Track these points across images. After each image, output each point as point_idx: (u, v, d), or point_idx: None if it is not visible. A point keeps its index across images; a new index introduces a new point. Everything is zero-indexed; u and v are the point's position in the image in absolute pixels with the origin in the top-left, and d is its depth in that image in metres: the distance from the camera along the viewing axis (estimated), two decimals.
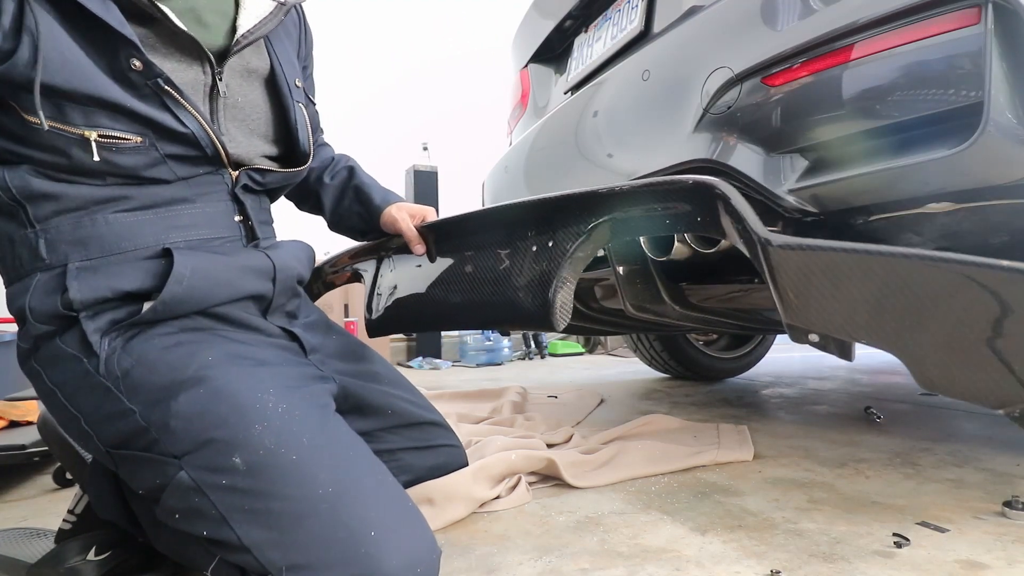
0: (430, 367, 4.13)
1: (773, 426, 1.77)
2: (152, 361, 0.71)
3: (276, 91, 0.91)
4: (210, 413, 0.69)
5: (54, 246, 0.72)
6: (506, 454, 1.24)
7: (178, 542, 0.74)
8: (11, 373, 2.23)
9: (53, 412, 0.76)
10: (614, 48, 1.46)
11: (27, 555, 0.87)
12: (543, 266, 0.91)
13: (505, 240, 0.98)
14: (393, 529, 0.68)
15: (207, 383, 0.71)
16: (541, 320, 0.91)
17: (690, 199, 0.77)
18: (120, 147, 0.74)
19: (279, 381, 0.76)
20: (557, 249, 0.91)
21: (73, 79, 0.70)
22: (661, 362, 2.76)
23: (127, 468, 0.71)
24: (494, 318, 1.00)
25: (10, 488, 1.38)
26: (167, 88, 0.76)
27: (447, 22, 5.12)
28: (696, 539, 0.96)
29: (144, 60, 0.73)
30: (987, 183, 0.82)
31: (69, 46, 0.70)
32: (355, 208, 1.11)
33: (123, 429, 0.70)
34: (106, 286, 0.72)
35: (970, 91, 0.76)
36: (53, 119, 0.70)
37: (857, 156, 0.89)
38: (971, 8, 0.76)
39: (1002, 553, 0.87)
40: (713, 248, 1.04)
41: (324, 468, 0.69)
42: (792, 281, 0.65)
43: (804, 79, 0.93)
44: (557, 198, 0.91)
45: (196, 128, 0.79)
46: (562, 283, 0.90)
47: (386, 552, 0.65)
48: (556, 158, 1.59)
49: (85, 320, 0.71)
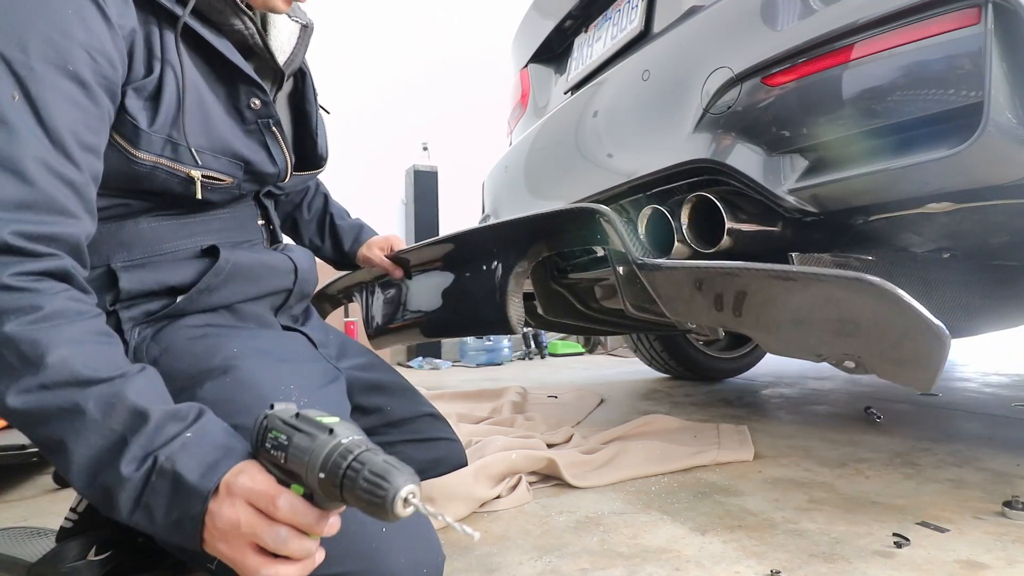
0: (430, 367, 4.13)
1: (773, 426, 1.77)
2: (180, 350, 0.74)
3: (302, 100, 0.94)
4: (234, 401, 0.70)
5: (96, 248, 0.73)
6: (506, 454, 1.24)
7: None
8: None
9: None
10: (614, 48, 1.45)
11: (28, 554, 0.87)
12: (494, 281, 1.11)
13: (462, 261, 1.19)
14: (403, 527, 0.69)
15: (233, 373, 0.73)
16: (502, 326, 1.09)
17: (586, 222, 0.99)
18: (214, 187, 0.79)
19: (301, 376, 0.79)
20: (503, 268, 1.10)
21: (200, 122, 0.74)
22: (661, 362, 2.76)
23: None
24: (467, 326, 1.21)
25: (10, 488, 1.38)
26: (273, 128, 0.81)
27: (447, 22, 5.12)
28: (696, 539, 0.96)
29: (263, 100, 0.78)
30: (987, 183, 0.82)
31: (199, 85, 0.75)
32: (329, 246, 1.23)
33: None
34: (153, 280, 0.75)
35: (970, 91, 0.76)
36: (168, 159, 0.73)
37: (857, 156, 0.89)
38: (971, 8, 0.76)
39: (1002, 553, 0.87)
40: (713, 248, 1.04)
41: None
42: (665, 289, 0.92)
43: (804, 79, 0.93)
44: (495, 226, 1.12)
45: (283, 166, 0.86)
46: (511, 294, 1.08)
47: (395, 550, 0.66)
48: (556, 158, 1.59)
49: (122, 310, 0.74)
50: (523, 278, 1.12)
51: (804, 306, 0.80)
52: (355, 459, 0.48)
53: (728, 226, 1.00)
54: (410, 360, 4.38)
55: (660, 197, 1.24)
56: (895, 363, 0.75)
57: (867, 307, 0.74)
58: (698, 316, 0.91)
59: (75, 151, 0.62)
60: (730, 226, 1.01)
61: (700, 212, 1.05)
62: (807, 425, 1.78)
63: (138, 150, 0.71)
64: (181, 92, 0.72)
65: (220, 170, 0.79)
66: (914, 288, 1.03)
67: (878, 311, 0.72)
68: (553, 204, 1.56)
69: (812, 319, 0.81)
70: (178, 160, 0.74)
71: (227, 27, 0.77)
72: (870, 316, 0.74)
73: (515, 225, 1.11)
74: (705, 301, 0.89)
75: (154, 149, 0.72)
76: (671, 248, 1.08)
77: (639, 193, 1.29)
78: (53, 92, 0.60)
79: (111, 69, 0.65)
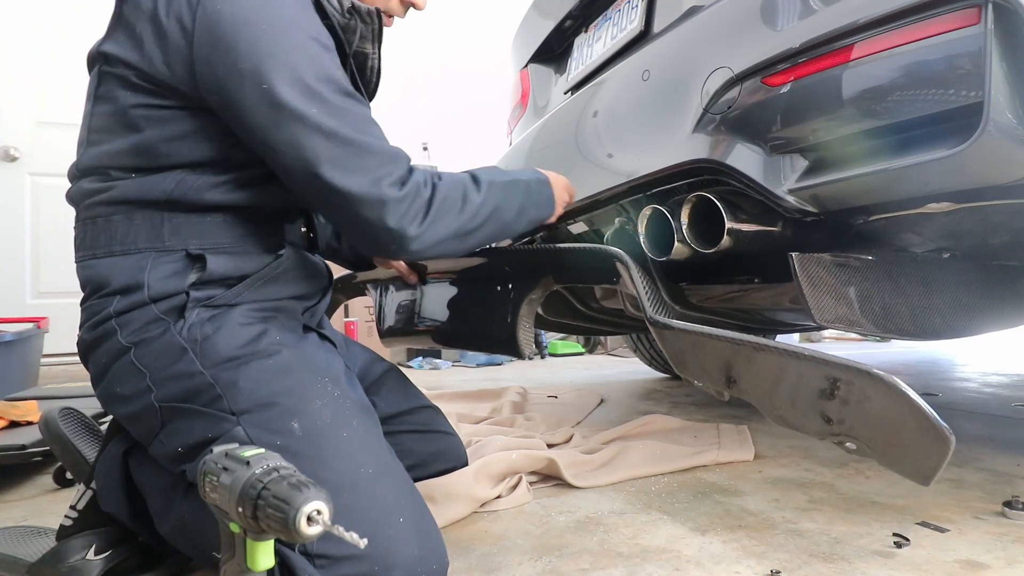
0: (430, 367, 4.13)
1: (773, 426, 1.77)
2: (231, 332, 0.79)
3: None
4: (278, 381, 0.77)
5: (178, 231, 0.80)
6: (507, 454, 1.24)
7: (192, 518, 0.76)
8: (11, 373, 2.24)
9: (112, 371, 0.79)
10: (614, 48, 1.45)
11: (27, 553, 0.87)
12: (507, 304, 1.13)
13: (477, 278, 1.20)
14: (419, 520, 0.74)
15: (277, 357, 0.80)
16: (511, 348, 1.12)
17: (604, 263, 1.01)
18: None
19: (333, 370, 0.87)
20: (516, 293, 1.12)
21: None
22: (661, 362, 2.76)
23: (176, 422, 0.76)
24: (475, 341, 1.23)
25: (10, 488, 1.38)
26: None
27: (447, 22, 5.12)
28: (696, 539, 0.96)
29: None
30: (987, 183, 0.82)
31: None
32: (347, 247, 1.24)
33: (188, 385, 0.75)
34: (235, 267, 0.83)
35: (970, 91, 0.76)
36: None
37: (857, 156, 0.89)
38: (971, 8, 0.76)
39: (1002, 553, 0.87)
40: (713, 248, 1.04)
41: (368, 451, 0.77)
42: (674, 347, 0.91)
43: (804, 79, 0.93)
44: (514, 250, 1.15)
45: None
46: (522, 319, 1.10)
47: (407, 540, 0.70)
48: (556, 158, 1.59)
49: (193, 291, 0.79)
50: (535, 305, 1.14)
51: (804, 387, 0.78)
52: (264, 487, 0.49)
53: (728, 226, 1.00)
54: (410, 360, 4.38)
55: (660, 197, 1.24)
56: (895, 456, 0.73)
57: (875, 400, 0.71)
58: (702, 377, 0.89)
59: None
60: (730, 226, 1.01)
61: (700, 212, 1.06)
62: None
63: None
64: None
65: None
66: (914, 288, 1.03)
67: (887, 405, 0.70)
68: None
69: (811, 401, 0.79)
70: None
71: (359, 50, 0.91)
72: (876, 409, 0.72)
73: (534, 254, 1.14)
74: (710, 365, 0.87)
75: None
76: (671, 248, 1.08)
77: (639, 193, 1.29)
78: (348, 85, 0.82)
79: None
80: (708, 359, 0.87)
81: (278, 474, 0.50)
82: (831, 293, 0.94)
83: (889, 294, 1.00)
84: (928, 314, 1.03)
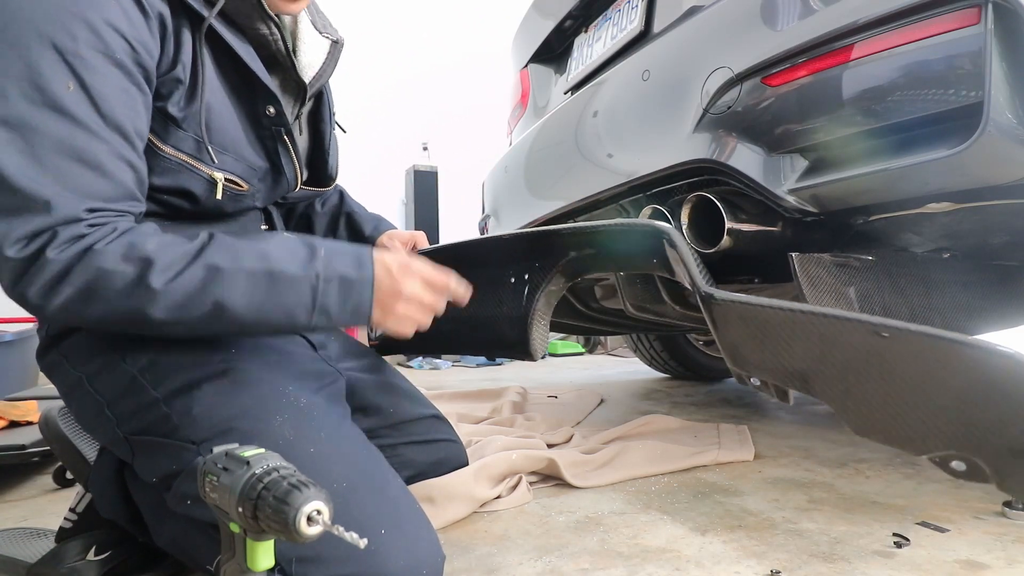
0: (430, 367, 4.13)
1: (773, 426, 1.77)
2: (179, 350, 0.73)
3: (318, 118, 0.94)
4: (233, 403, 0.70)
5: None
6: (507, 454, 1.24)
7: (183, 535, 0.74)
8: (11, 373, 2.23)
9: (74, 399, 0.77)
10: (614, 48, 1.45)
11: (27, 555, 0.87)
12: (521, 300, 1.00)
13: (489, 271, 1.05)
14: (402, 529, 0.69)
15: (231, 374, 0.73)
16: (521, 351, 1.00)
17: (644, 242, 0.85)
18: (232, 193, 0.79)
19: (301, 378, 0.79)
20: (532, 283, 0.99)
21: (219, 123, 0.74)
22: (661, 362, 2.76)
23: (143, 454, 0.72)
24: (482, 345, 1.08)
25: (10, 488, 1.38)
26: (285, 137, 0.81)
27: (447, 23, 5.11)
28: (696, 539, 0.96)
29: (279, 108, 0.78)
30: (987, 183, 0.82)
31: (218, 87, 0.75)
32: (345, 237, 1.14)
33: (145, 416, 0.71)
34: None
35: (970, 91, 0.76)
36: (191, 156, 0.73)
37: (857, 156, 0.89)
38: (971, 8, 0.76)
39: (1002, 553, 0.87)
40: (713, 248, 1.04)
41: (339, 463, 0.70)
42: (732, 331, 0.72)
43: (804, 79, 0.93)
44: (530, 234, 0.99)
45: (291, 177, 0.85)
46: (538, 315, 0.99)
47: (394, 551, 0.66)
48: (556, 158, 1.59)
49: None
50: (555, 299, 1.00)
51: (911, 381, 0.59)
52: (264, 487, 0.49)
53: (728, 226, 1.01)
54: (410, 360, 4.38)
55: (660, 197, 1.24)
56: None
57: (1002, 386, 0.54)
58: (766, 372, 0.70)
59: (135, 140, 0.65)
60: (730, 226, 1.01)
61: (700, 212, 1.06)
62: (807, 425, 1.78)
63: (165, 144, 0.71)
64: (201, 90, 0.72)
65: (239, 175, 0.78)
66: (914, 288, 1.03)
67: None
68: (553, 204, 1.56)
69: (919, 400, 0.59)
70: (200, 160, 0.73)
71: (251, 31, 0.78)
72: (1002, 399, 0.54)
73: (556, 235, 0.97)
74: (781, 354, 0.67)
75: (180, 145, 0.72)
76: None
77: (639, 193, 1.30)
78: (105, 81, 0.61)
79: (149, 59, 0.67)
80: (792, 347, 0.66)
81: (278, 474, 0.50)
82: (831, 293, 0.95)
83: (889, 294, 1.00)
84: (928, 314, 1.03)
